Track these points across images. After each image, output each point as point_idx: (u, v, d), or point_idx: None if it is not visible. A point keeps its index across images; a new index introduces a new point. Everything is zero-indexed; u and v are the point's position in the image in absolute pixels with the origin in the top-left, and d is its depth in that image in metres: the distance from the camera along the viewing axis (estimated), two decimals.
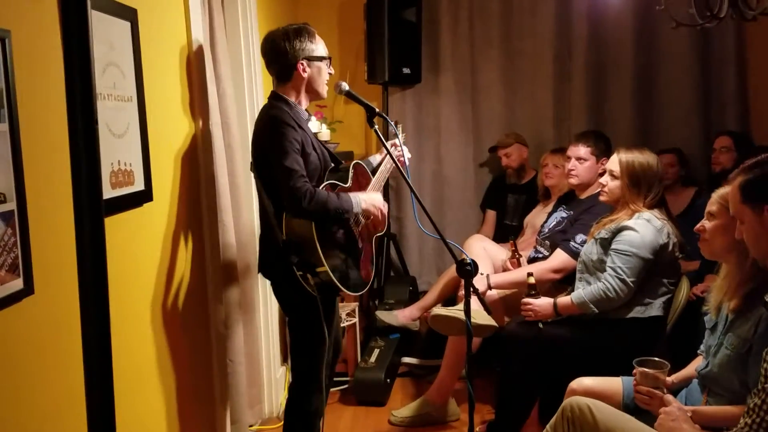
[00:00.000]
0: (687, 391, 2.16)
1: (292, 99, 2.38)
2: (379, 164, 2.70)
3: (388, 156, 2.57)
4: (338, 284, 2.24)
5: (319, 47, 2.40)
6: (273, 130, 2.25)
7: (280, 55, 2.35)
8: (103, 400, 0.95)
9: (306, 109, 2.49)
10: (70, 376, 1.56)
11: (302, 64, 2.34)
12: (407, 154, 2.77)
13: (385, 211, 2.42)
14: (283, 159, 2.18)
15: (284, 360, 3.52)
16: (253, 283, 3.03)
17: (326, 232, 2.23)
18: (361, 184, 2.54)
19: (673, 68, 4.17)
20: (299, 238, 2.20)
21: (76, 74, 0.88)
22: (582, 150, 3.25)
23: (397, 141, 2.75)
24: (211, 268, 2.62)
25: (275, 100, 2.38)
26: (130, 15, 1.98)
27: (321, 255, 2.17)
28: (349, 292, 2.34)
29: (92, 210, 0.90)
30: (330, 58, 2.45)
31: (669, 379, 2.07)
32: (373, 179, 2.60)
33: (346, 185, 2.41)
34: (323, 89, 2.45)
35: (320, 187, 2.25)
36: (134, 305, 2.05)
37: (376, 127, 2.33)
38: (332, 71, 2.48)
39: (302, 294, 2.26)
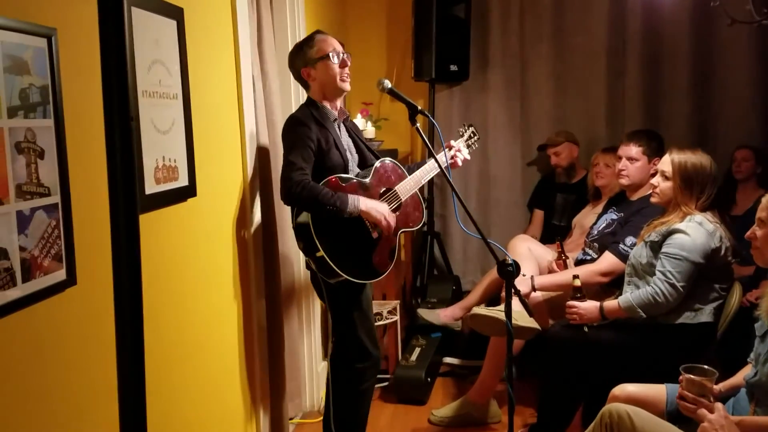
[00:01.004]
0: (735, 400, 2.08)
1: (319, 100, 2.54)
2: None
3: (435, 155, 2.59)
4: (337, 269, 2.33)
5: (319, 48, 2.50)
6: (287, 128, 2.47)
7: (291, 69, 2.62)
8: (135, 392, 0.96)
9: (342, 108, 2.61)
10: (110, 367, 1.60)
11: (305, 71, 2.54)
12: (464, 155, 2.77)
13: (390, 220, 2.45)
14: (288, 154, 2.38)
15: (325, 355, 3.54)
16: (295, 277, 3.06)
17: (326, 221, 2.34)
18: (389, 180, 2.58)
19: (731, 65, 4.03)
20: (300, 225, 2.37)
21: (112, 70, 0.89)
22: (633, 149, 3.17)
23: (453, 142, 2.77)
24: (253, 263, 2.65)
25: (304, 102, 2.59)
26: (176, 13, 2.02)
27: (316, 241, 2.31)
28: (353, 279, 2.39)
29: (127, 205, 0.92)
30: (328, 55, 2.49)
31: (716, 387, 1.99)
32: (409, 176, 2.60)
33: (365, 180, 2.48)
34: (340, 84, 2.53)
35: (326, 180, 2.36)
36: (177, 298, 2.09)
37: (419, 125, 2.31)
38: (341, 62, 2.51)
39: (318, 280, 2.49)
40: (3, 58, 1.28)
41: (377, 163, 2.57)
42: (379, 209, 2.42)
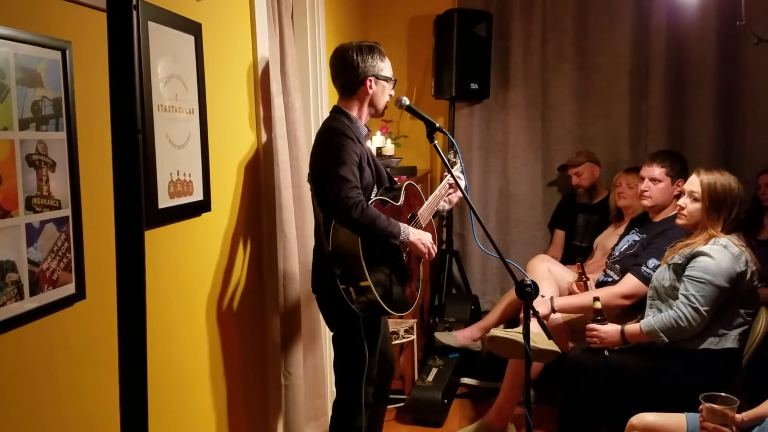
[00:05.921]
0: (760, 429, 2.00)
1: (354, 113, 2.39)
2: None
3: (445, 179, 2.54)
4: (380, 301, 2.18)
5: (387, 67, 2.42)
6: (332, 141, 2.25)
7: (350, 68, 2.36)
8: (137, 409, 0.94)
9: (366, 125, 2.50)
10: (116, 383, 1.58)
11: (371, 80, 2.36)
12: (462, 183, 2.73)
13: (434, 251, 2.36)
14: (338, 168, 2.17)
15: None
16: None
17: (372, 247, 2.19)
18: (412, 205, 2.52)
19: (758, 86, 3.94)
20: (344, 251, 2.18)
21: (120, 83, 0.89)
22: (656, 170, 3.11)
23: (455, 169, 2.74)
24: (268, 279, 2.63)
25: (337, 113, 2.40)
26: (194, 29, 2.02)
27: (365, 269, 2.14)
28: (391, 311, 2.27)
29: (132, 218, 0.91)
30: (395, 81, 2.46)
31: (739, 416, 1.92)
32: (426, 201, 2.57)
33: (397, 204, 2.40)
34: (383, 107, 2.47)
35: (370, 202, 2.23)
36: (190, 313, 2.07)
37: (436, 142, 2.29)
38: (393, 93, 2.48)
39: (345, 310, 2.23)
40: (16, 70, 1.28)
41: (404, 186, 2.48)
42: (424, 241, 2.31)
